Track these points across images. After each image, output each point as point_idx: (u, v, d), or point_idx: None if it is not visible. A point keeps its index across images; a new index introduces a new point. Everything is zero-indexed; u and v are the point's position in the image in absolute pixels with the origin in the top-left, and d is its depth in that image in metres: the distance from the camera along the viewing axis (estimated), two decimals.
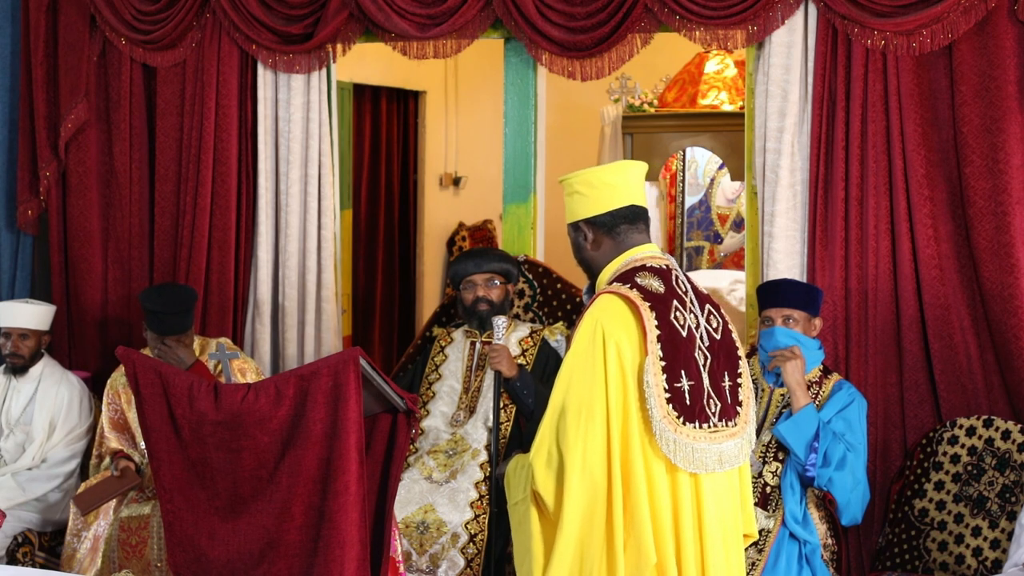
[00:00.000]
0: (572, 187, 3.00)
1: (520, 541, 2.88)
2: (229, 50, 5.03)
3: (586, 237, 2.97)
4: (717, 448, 2.85)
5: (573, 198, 2.99)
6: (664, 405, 2.77)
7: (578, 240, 3.00)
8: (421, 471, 4.28)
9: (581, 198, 2.97)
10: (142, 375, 3.20)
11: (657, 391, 2.76)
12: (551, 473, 2.76)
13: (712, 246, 8.52)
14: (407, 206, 8.04)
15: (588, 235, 2.97)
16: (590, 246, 2.97)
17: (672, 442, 2.77)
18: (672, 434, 2.77)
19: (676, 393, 2.79)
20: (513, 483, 2.90)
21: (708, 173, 8.52)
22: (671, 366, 2.79)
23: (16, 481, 4.66)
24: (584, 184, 2.97)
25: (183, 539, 3.19)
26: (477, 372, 4.46)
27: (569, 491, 2.73)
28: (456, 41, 4.78)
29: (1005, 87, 4.11)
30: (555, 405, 2.80)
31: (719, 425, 2.87)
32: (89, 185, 5.29)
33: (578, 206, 2.98)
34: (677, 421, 2.77)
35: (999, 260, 4.16)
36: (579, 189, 2.97)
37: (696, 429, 2.81)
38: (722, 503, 2.92)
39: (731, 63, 7.58)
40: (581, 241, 2.99)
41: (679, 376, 2.80)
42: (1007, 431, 3.99)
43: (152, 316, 4.48)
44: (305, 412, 3.09)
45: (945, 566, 3.94)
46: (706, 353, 2.90)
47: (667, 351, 2.80)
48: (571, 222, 3.00)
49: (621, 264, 2.94)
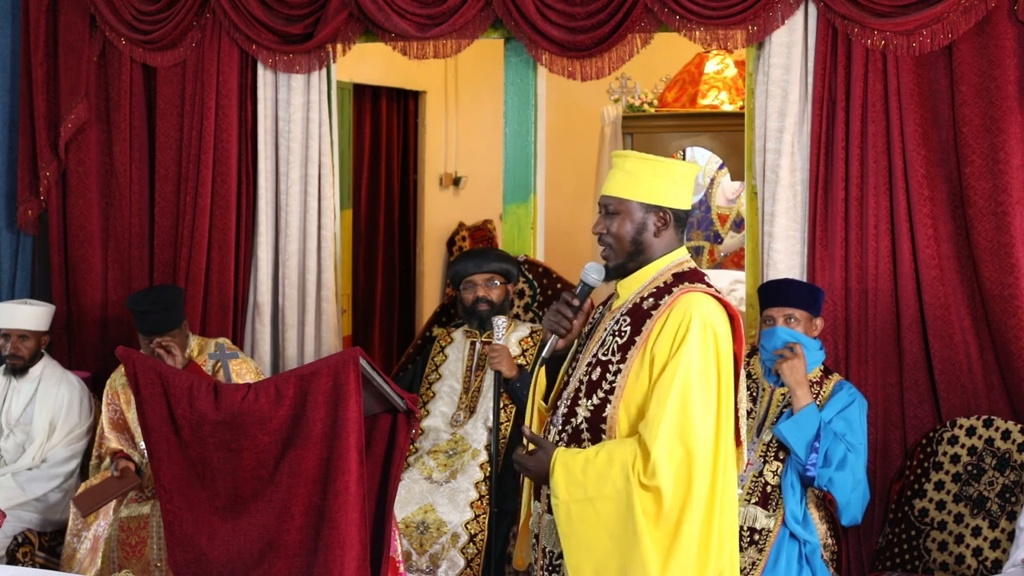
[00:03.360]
0: (670, 171, 2.90)
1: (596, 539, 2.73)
2: (229, 50, 5.03)
3: (661, 222, 2.87)
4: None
5: (663, 181, 2.88)
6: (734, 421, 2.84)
7: (646, 221, 2.87)
8: (421, 471, 4.28)
9: (673, 184, 2.88)
10: (142, 375, 3.20)
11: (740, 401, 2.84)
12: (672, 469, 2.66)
13: (712, 246, 8.51)
14: (407, 206, 8.04)
15: (662, 222, 2.87)
16: (656, 231, 2.88)
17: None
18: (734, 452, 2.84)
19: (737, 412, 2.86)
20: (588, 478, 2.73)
21: (708, 173, 8.51)
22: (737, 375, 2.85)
23: (16, 481, 4.66)
24: (676, 174, 2.90)
25: (183, 539, 3.19)
26: (477, 372, 4.46)
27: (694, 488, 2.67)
28: (456, 41, 4.78)
29: (1005, 87, 4.11)
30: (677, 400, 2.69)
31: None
32: (89, 185, 5.29)
33: (667, 191, 2.88)
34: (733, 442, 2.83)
35: (999, 260, 4.15)
36: (673, 176, 2.89)
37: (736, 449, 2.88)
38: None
39: (731, 63, 7.58)
40: (650, 223, 2.87)
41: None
42: (1007, 431, 3.99)
43: (137, 317, 4.53)
44: (305, 412, 3.09)
45: (945, 566, 3.94)
46: None
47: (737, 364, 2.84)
48: (651, 203, 2.87)
49: (674, 262, 2.89)
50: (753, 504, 3.86)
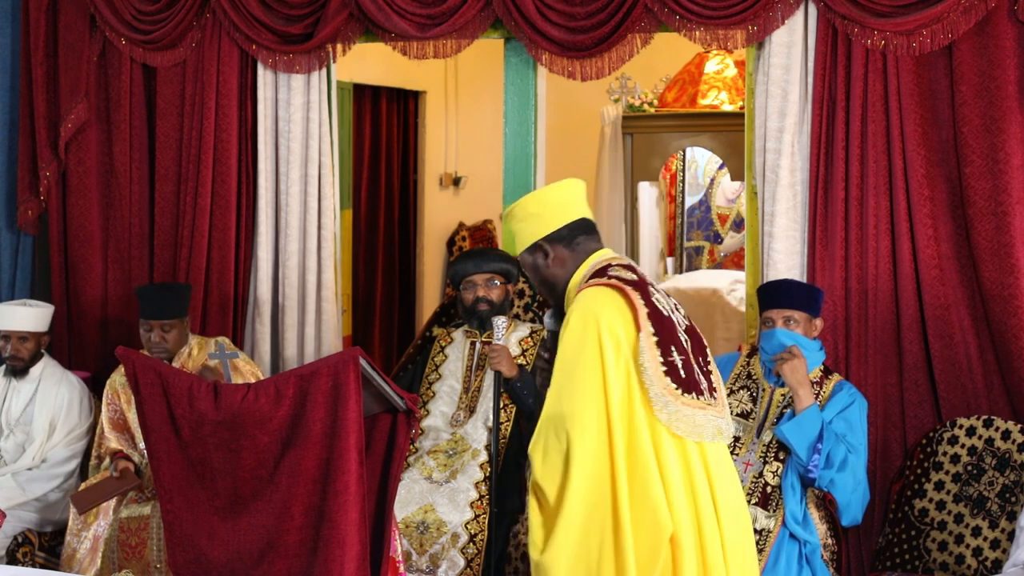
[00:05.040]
0: (525, 210, 3.05)
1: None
2: (229, 50, 5.03)
3: (546, 255, 3.01)
4: (714, 419, 2.88)
5: (527, 222, 3.04)
6: (663, 378, 2.80)
7: (536, 262, 3.04)
8: (421, 471, 4.28)
9: (536, 219, 3.02)
10: (142, 375, 3.20)
11: (654, 365, 2.80)
12: (549, 464, 2.77)
13: (712, 246, 8.52)
14: (407, 206, 8.05)
15: (549, 253, 3.01)
16: (552, 264, 3.01)
17: (673, 412, 2.80)
18: (673, 404, 2.80)
19: (671, 366, 2.83)
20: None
21: (708, 173, 8.52)
22: (663, 341, 2.84)
23: (16, 481, 4.66)
24: (537, 204, 3.04)
25: (183, 539, 3.19)
26: (477, 372, 4.46)
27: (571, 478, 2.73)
28: (456, 41, 4.78)
29: (1005, 87, 4.11)
30: (553, 397, 2.81)
31: (710, 400, 2.91)
32: (89, 185, 5.29)
33: (534, 228, 3.03)
34: (676, 392, 2.81)
35: (999, 260, 4.15)
36: (532, 211, 3.03)
37: (695, 399, 2.85)
38: (732, 477, 2.95)
39: (731, 63, 7.59)
40: (540, 262, 3.03)
41: (670, 351, 2.84)
42: (1007, 431, 3.99)
43: (143, 300, 4.58)
44: (305, 412, 3.09)
45: (945, 566, 3.94)
46: (685, 335, 2.95)
47: (656, 327, 2.84)
48: (528, 245, 3.03)
49: (588, 268, 2.99)
50: (753, 504, 3.86)
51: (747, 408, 4.06)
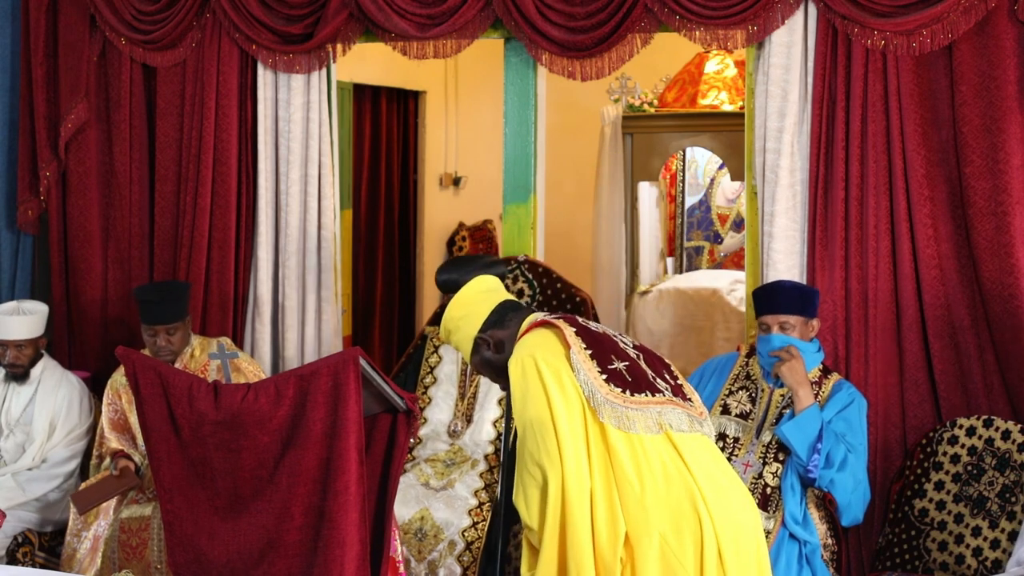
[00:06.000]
0: (453, 320, 3.09)
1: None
2: (229, 50, 5.03)
3: (488, 345, 3.04)
4: (677, 410, 2.87)
5: (460, 328, 3.07)
6: (604, 384, 2.82)
7: (484, 356, 3.06)
8: (418, 477, 4.28)
9: (465, 320, 3.07)
10: (142, 375, 3.20)
11: (591, 375, 2.82)
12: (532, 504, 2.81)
13: (712, 246, 8.52)
14: (407, 206, 8.05)
15: (489, 341, 3.04)
16: (494, 350, 3.04)
17: (621, 413, 2.80)
18: (622, 406, 2.81)
19: (612, 373, 2.85)
20: None
21: (708, 173, 8.52)
22: (598, 352, 2.87)
23: (16, 481, 4.66)
24: (460, 308, 3.09)
25: (183, 539, 3.19)
26: (472, 377, 4.46)
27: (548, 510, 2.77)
28: (456, 41, 4.78)
29: (1005, 87, 4.11)
30: (519, 443, 2.85)
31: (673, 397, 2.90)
32: (89, 185, 5.29)
33: (467, 328, 3.06)
34: (624, 394, 2.82)
35: (999, 260, 4.16)
36: (459, 315, 3.08)
37: (649, 396, 2.85)
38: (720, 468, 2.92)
39: (731, 63, 7.58)
40: (487, 354, 3.05)
41: (610, 359, 2.87)
42: (1007, 431, 3.99)
43: (143, 306, 4.55)
44: (305, 412, 3.09)
45: (945, 566, 3.94)
46: (635, 352, 2.97)
47: (589, 342, 2.88)
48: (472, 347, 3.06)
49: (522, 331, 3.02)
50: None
51: (746, 409, 4.06)
